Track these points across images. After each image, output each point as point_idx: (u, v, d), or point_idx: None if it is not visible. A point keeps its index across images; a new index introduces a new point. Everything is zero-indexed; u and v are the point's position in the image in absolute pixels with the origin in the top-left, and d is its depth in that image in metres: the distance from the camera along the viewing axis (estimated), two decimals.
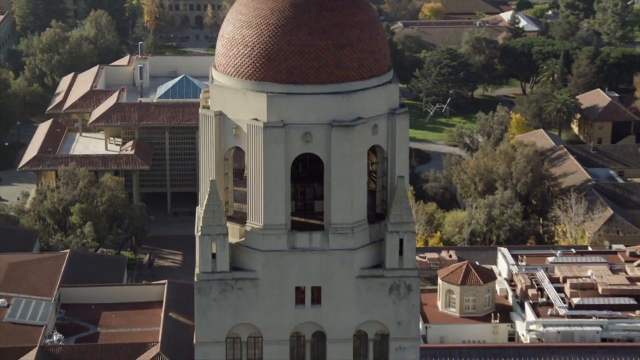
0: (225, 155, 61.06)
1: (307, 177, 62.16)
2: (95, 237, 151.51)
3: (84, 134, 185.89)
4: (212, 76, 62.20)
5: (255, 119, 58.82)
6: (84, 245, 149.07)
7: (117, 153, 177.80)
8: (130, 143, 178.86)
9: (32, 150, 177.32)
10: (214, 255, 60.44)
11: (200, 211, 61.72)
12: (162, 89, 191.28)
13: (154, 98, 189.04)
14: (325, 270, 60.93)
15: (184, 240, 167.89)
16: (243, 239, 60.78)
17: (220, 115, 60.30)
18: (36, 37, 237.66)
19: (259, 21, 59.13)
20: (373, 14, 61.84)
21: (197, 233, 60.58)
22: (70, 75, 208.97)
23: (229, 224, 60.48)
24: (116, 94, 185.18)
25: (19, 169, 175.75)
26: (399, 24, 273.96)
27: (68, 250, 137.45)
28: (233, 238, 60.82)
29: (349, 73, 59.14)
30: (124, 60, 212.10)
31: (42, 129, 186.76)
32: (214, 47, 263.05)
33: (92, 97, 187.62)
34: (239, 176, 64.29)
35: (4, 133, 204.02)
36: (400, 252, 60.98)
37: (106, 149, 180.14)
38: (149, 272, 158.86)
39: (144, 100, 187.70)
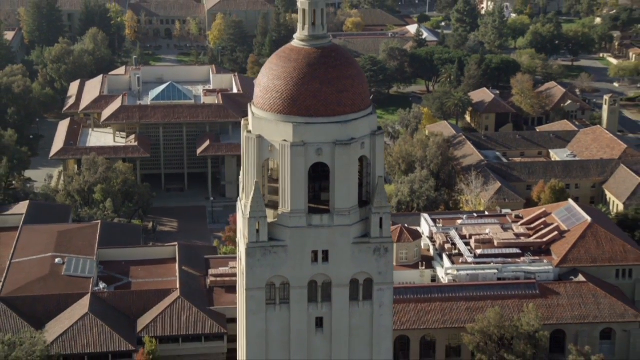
0: (262, 164, 70.69)
1: (316, 176, 70.62)
2: (113, 210, 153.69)
3: (95, 130, 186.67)
4: (251, 111, 72.23)
5: (285, 140, 68.26)
6: (106, 216, 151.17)
7: (123, 145, 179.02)
8: (133, 136, 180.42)
9: (58, 143, 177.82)
10: (257, 231, 69.44)
11: (245, 201, 71.19)
12: (153, 93, 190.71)
13: (148, 101, 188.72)
14: (331, 239, 69.99)
15: (176, 210, 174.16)
16: (276, 219, 70.09)
17: (259, 137, 69.58)
18: (47, 50, 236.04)
19: (285, 75, 68.92)
20: (359, 68, 72.75)
21: (246, 216, 69.97)
22: (77, 82, 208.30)
23: (266, 210, 69.94)
24: (120, 98, 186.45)
25: (51, 158, 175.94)
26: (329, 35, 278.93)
27: (99, 221, 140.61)
28: (269, 219, 69.85)
29: (346, 109, 68.91)
30: (121, 70, 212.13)
31: (63, 126, 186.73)
32: (182, 54, 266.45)
33: (102, 100, 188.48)
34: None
35: (28, 128, 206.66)
36: (380, 227, 70.39)
37: (114, 141, 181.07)
38: (153, 236, 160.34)
39: (142, 103, 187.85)
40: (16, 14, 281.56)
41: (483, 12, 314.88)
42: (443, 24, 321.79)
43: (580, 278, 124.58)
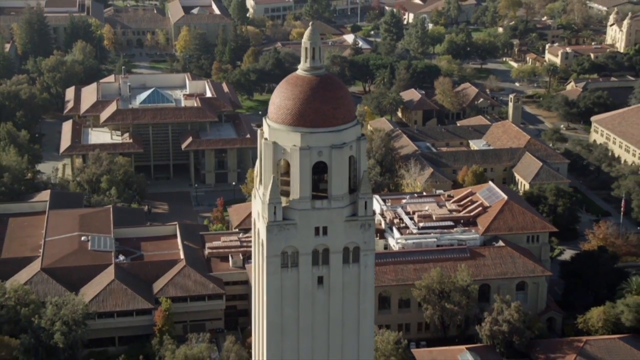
0: (277, 163, 78.92)
1: (317, 171, 78.23)
2: (117, 196, 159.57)
3: (94, 129, 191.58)
4: (267, 123, 79.45)
5: (294, 145, 76.11)
6: (111, 201, 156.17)
7: (120, 142, 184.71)
8: (127, 134, 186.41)
9: (65, 141, 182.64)
10: (274, 213, 77.36)
11: (264, 191, 78.54)
12: (140, 98, 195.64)
13: (136, 104, 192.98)
14: (329, 218, 77.27)
15: (165, 195, 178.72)
16: (288, 204, 77.81)
17: (274, 143, 77.54)
18: (42, 61, 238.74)
19: (294, 96, 77.12)
20: (347, 90, 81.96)
21: (265, 202, 77.77)
22: (72, 88, 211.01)
23: (281, 197, 78.07)
24: (115, 102, 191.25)
25: (61, 154, 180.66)
26: (279, 44, 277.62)
27: (110, 206, 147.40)
28: (282, 204, 77.55)
29: (339, 121, 77.03)
30: (111, 78, 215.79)
31: (67, 126, 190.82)
32: (154, 61, 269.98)
33: (98, 105, 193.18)
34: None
35: (33, 128, 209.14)
36: (365, 208, 78.32)
37: (111, 139, 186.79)
38: (149, 217, 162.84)
39: (132, 106, 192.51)
40: (10, 28, 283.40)
41: (405, 22, 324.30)
42: (372, 32, 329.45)
43: (500, 243, 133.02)
